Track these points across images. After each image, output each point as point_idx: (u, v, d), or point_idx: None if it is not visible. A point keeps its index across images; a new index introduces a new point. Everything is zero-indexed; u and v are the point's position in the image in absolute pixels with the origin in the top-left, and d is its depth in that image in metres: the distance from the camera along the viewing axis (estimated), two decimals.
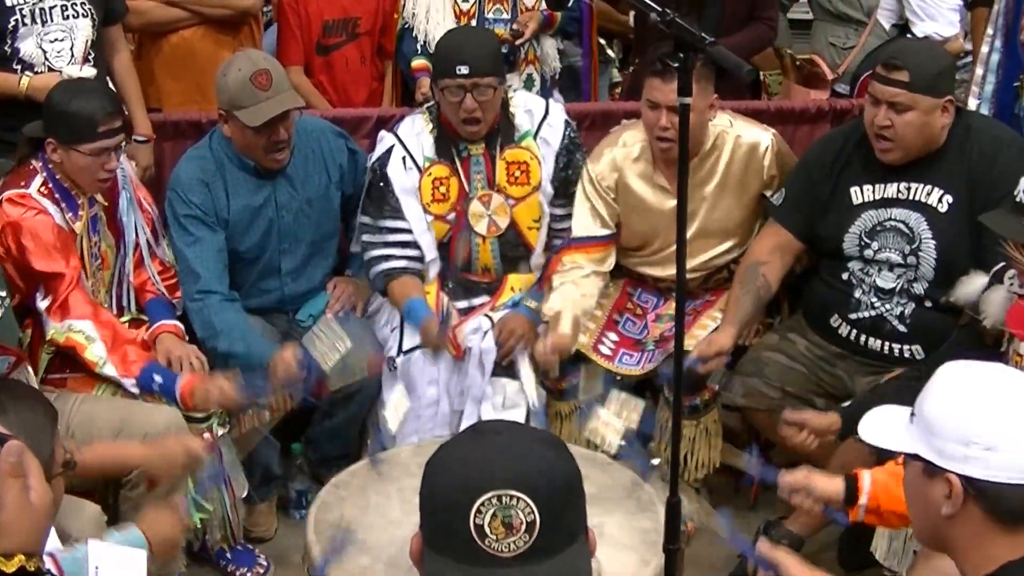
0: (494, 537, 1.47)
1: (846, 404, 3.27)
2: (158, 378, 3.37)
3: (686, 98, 2.30)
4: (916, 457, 1.83)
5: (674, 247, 3.74)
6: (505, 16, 4.42)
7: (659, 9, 2.27)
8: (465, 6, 4.40)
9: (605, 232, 3.81)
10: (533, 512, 1.47)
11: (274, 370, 3.52)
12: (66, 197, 3.43)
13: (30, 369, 3.04)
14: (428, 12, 4.36)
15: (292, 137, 3.67)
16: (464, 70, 3.62)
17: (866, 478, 2.66)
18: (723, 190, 3.73)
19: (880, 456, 2.88)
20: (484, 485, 1.48)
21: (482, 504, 1.47)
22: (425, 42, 4.37)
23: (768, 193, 3.76)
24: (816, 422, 3.17)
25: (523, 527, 1.47)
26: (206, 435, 3.31)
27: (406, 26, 4.45)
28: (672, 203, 3.72)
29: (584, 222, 3.80)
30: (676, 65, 2.25)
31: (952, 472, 1.76)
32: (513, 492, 1.47)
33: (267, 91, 3.53)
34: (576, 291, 3.74)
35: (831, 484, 2.72)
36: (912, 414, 1.87)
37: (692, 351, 3.55)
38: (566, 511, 1.52)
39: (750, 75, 2.31)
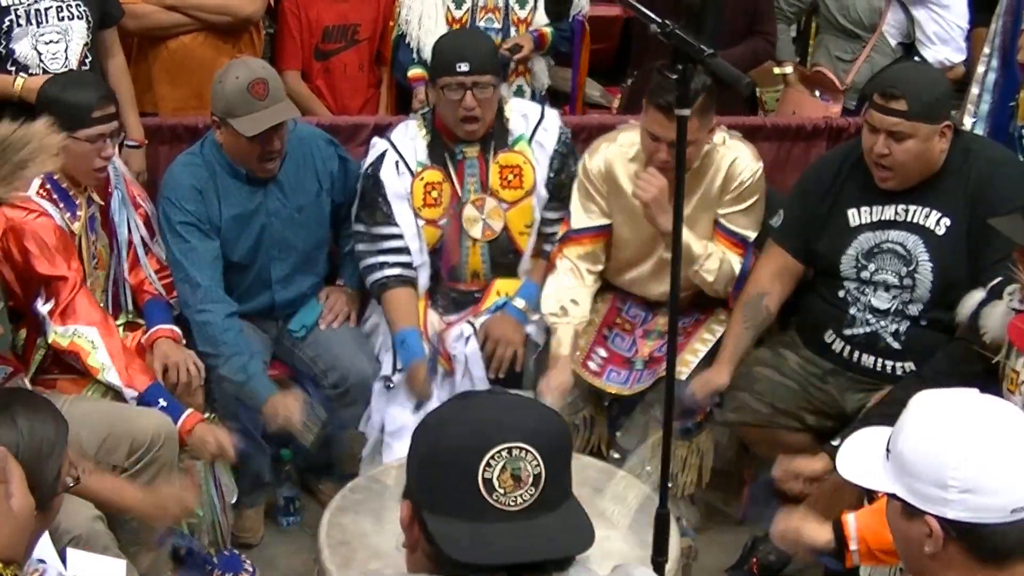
0: (502, 491, 1.51)
1: (835, 443, 3.25)
2: (163, 402, 3.35)
3: (684, 110, 2.30)
4: (895, 496, 1.82)
5: (652, 264, 3.81)
6: (496, 26, 4.43)
7: (659, 20, 2.27)
8: (458, 13, 4.41)
9: (600, 222, 3.80)
10: (540, 465, 1.52)
11: (272, 414, 3.53)
12: (64, 197, 3.43)
13: (26, 380, 3.02)
14: (421, 19, 4.37)
15: (285, 146, 3.66)
16: (464, 67, 3.62)
17: (851, 524, 2.66)
18: (703, 206, 3.69)
19: None
20: (494, 439, 1.52)
21: (492, 457, 1.51)
22: (418, 49, 4.38)
23: (720, 212, 3.72)
24: (808, 468, 3.18)
25: (530, 480, 1.52)
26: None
27: (401, 34, 4.46)
28: None
29: (579, 215, 3.80)
30: (675, 76, 2.25)
31: (930, 514, 1.75)
32: (522, 444, 1.52)
33: (263, 100, 3.50)
34: (579, 312, 3.76)
35: (821, 533, 2.73)
36: (887, 449, 1.85)
37: (689, 386, 3.55)
38: (564, 466, 1.57)
39: (749, 88, 2.31)
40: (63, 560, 2.25)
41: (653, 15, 2.34)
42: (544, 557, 1.53)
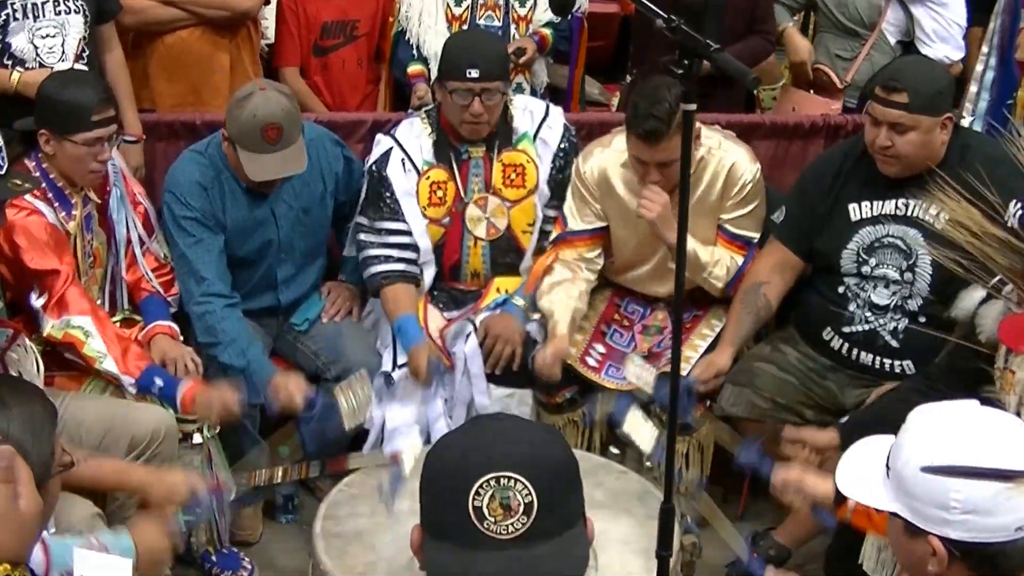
0: (492, 519, 1.50)
1: (843, 420, 3.27)
2: (159, 381, 3.34)
3: (690, 105, 2.29)
4: (896, 514, 1.81)
5: (651, 267, 3.81)
6: (496, 23, 4.42)
7: (664, 15, 2.26)
8: (458, 11, 4.39)
9: (596, 225, 3.80)
10: (531, 494, 1.50)
11: (274, 395, 3.50)
12: (59, 197, 3.42)
13: (28, 341, 3.01)
14: (421, 16, 4.35)
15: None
16: (475, 74, 3.61)
17: None
18: (700, 210, 3.67)
19: None
20: (482, 468, 1.51)
21: (480, 486, 1.50)
22: (417, 46, 4.36)
23: (723, 217, 3.74)
24: (816, 439, 3.17)
25: (521, 508, 1.50)
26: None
27: (401, 31, 4.44)
28: None
29: (574, 218, 3.80)
30: (680, 72, 2.25)
31: (934, 535, 1.74)
32: (510, 474, 1.50)
33: (275, 145, 3.46)
34: (567, 295, 3.73)
35: (823, 484, 2.73)
36: (887, 467, 1.84)
37: (691, 370, 3.56)
38: (563, 495, 1.55)
39: (755, 83, 2.30)
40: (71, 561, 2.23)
41: (658, 10, 2.34)
42: None
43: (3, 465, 1.59)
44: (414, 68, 4.41)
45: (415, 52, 4.41)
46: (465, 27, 4.38)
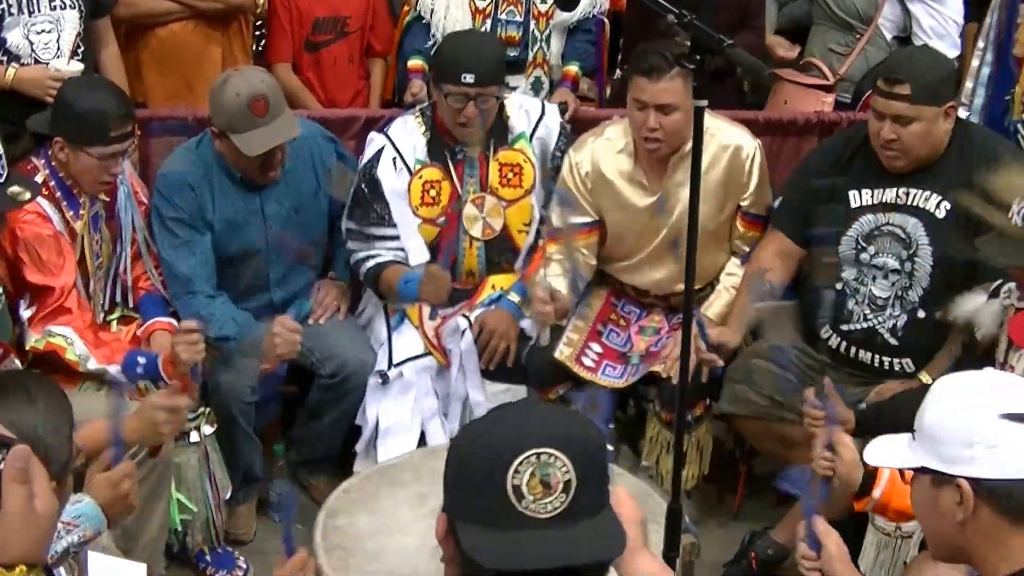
0: (531, 498, 1.49)
1: (863, 406, 3.27)
2: (141, 360, 3.31)
3: (701, 101, 2.29)
4: (923, 471, 1.87)
5: (648, 252, 3.80)
6: (517, 19, 4.33)
7: (676, 11, 2.26)
8: (481, 4, 4.30)
9: (584, 220, 3.77)
10: (570, 471, 1.49)
11: (270, 345, 3.48)
12: (68, 196, 3.39)
13: (17, 362, 2.98)
14: (448, 8, 4.28)
15: (287, 151, 3.60)
16: (470, 79, 3.59)
17: (884, 476, 2.62)
18: (701, 194, 3.69)
19: None
20: (522, 444, 1.50)
21: (520, 464, 1.48)
22: (438, 37, 4.29)
23: (743, 204, 3.74)
24: (839, 409, 3.12)
25: (560, 486, 1.49)
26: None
27: (416, 18, 4.34)
28: (649, 200, 3.71)
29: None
30: (692, 67, 2.24)
31: (960, 476, 1.80)
32: (551, 450, 1.49)
33: (265, 117, 3.44)
34: (563, 268, 3.73)
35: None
36: (913, 431, 1.91)
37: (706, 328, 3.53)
38: (598, 474, 1.54)
39: (771, 78, 2.30)
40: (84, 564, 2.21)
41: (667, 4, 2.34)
42: (573, 563, 1.50)
43: (19, 466, 1.56)
44: (414, 62, 4.34)
45: (430, 42, 4.27)
46: (488, 21, 4.28)
